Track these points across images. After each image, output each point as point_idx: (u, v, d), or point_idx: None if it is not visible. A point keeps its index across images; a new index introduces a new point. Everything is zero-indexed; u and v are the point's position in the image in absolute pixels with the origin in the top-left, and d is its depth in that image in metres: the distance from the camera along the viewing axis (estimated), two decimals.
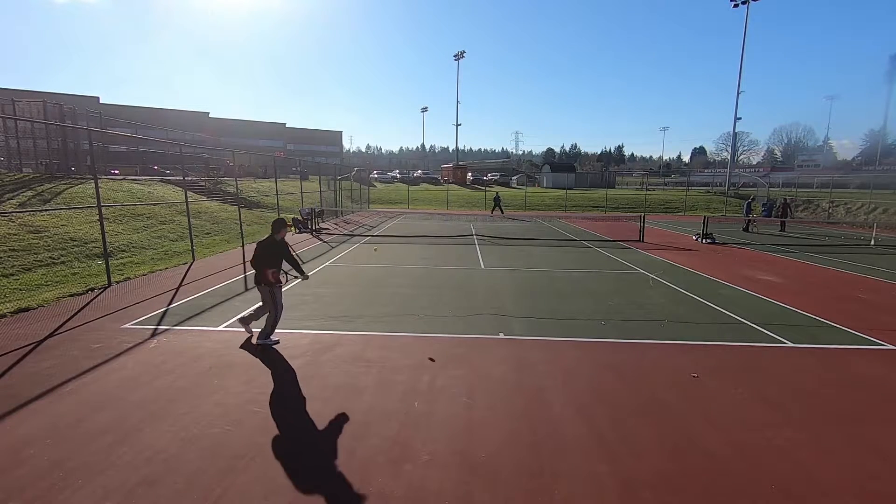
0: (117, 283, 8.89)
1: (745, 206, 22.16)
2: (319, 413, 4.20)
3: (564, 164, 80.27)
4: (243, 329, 6.23)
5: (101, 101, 49.08)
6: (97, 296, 7.96)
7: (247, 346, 5.81)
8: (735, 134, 49.30)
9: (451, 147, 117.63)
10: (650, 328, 6.82)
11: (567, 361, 5.50)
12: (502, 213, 28.93)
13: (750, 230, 21.17)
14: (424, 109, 79.80)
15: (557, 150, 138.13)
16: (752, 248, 15.78)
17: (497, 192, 34.47)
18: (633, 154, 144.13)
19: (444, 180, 56.61)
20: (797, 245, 16.73)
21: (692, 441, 3.86)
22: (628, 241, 17.10)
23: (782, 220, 21.20)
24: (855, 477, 3.43)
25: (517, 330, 6.61)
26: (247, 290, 8.65)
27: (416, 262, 11.88)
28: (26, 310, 6.98)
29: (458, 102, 64.05)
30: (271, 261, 5.76)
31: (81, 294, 7.99)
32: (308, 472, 3.36)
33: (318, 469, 3.40)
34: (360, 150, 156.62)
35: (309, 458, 3.52)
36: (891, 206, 27.09)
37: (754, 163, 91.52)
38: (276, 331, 5.94)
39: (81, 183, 15.33)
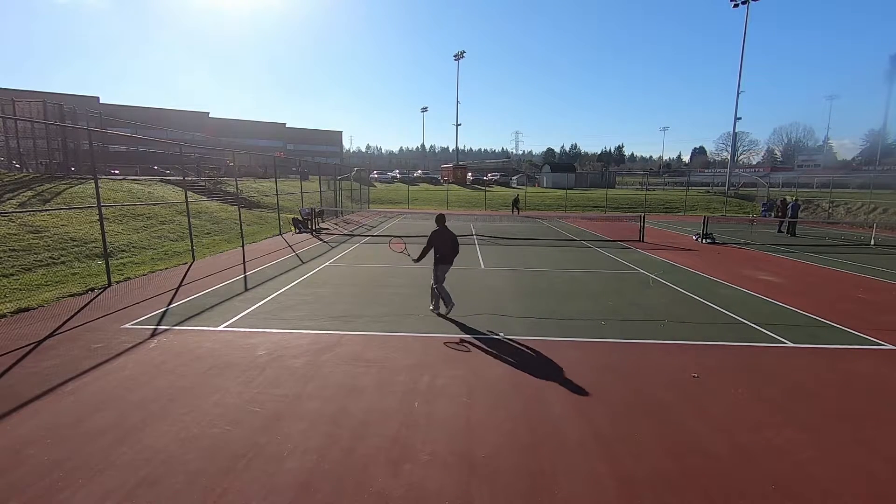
0: (117, 283, 8.89)
1: (791, 207, 20.70)
2: (319, 413, 4.20)
3: (564, 164, 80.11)
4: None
5: (101, 101, 49.12)
6: (97, 296, 7.96)
7: (244, 346, 5.81)
8: (735, 134, 49.23)
9: (451, 147, 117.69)
10: (650, 328, 6.82)
11: (567, 361, 5.49)
12: (518, 212, 30.93)
13: (794, 232, 19.93)
14: (424, 109, 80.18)
15: (557, 150, 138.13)
16: (751, 248, 15.77)
17: (517, 195, 35.09)
18: (633, 154, 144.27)
19: (444, 180, 56.58)
20: (797, 245, 16.73)
21: (692, 441, 3.86)
22: (628, 241, 17.09)
23: (780, 219, 21.18)
24: (855, 477, 3.43)
25: (517, 330, 6.61)
26: (246, 289, 8.65)
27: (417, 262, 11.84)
28: (26, 310, 6.99)
29: (458, 102, 64.23)
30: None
31: (81, 294, 7.99)
32: (308, 472, 3.36)
33: (318, 469, 3.40)
34: (359, 150, 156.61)
35: (309, 459, 3.52)
36: (891, 206, 27.08)
37: (754, 163, 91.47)
38: (274, 330, 6.01)
39: (81, 183, 15.34)
